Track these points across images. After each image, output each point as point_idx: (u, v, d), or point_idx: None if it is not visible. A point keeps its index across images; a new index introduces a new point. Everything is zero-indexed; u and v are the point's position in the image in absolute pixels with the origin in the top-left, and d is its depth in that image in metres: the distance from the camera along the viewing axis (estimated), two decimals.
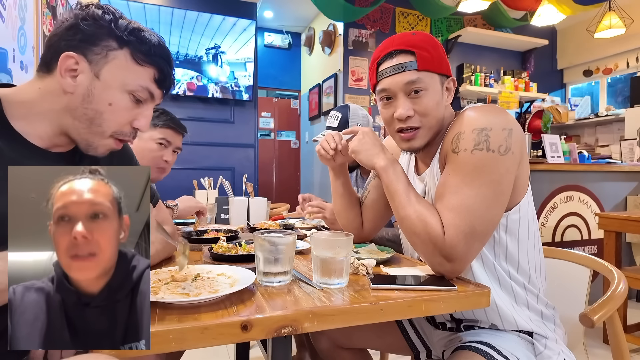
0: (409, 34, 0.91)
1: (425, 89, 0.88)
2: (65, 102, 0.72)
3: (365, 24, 4.16)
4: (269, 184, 5.59)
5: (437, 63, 0.88)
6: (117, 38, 0.72)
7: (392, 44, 0.90)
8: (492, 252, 0.89)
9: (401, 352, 1.13)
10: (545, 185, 2.56)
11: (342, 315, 0.65)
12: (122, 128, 0.76)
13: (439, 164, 0.91)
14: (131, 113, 0.76)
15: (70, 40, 0.70)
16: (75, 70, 0.71)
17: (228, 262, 0.91)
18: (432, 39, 0.91)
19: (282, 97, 5.99)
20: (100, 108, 0.73)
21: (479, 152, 0.80)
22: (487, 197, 0.79)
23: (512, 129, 0.81)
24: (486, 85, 4.46)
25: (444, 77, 0.91)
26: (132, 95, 0.75)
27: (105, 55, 0.72)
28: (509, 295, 0.90)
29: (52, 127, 0.73)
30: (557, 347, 0.89)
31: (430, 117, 0.89)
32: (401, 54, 0.88)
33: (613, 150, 4.17)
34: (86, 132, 0.74)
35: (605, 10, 3.78)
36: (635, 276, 1.99)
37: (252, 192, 1.73)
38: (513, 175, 0.82)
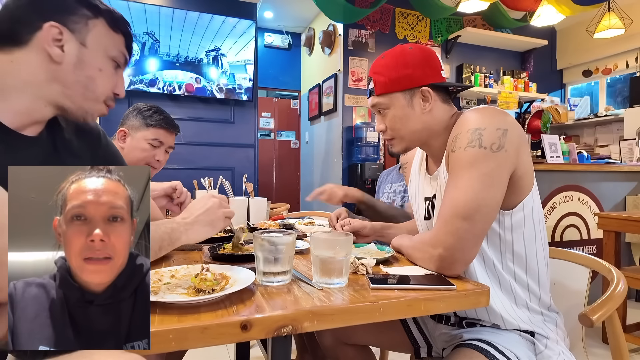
0: (379, 58, 1.02)
1: (387, 108, 0.99)
2: (50, 72, 0.71)
3: (365, 24, 4.16)
4: (269, 184, 5.59)
5: (395, 84, 0.97)
6: (93, 7, 0.75)
7: (370, 70, 1.05)
8: (497, 252, 0.89)
9: (402, 349, 1.14)
10: (545, 185, 2.56)
11: (341, 315, 0.65)
12: (109, 93, 0.80)
13: (445, 164, 0.94)
14: (114, 78, 0.80)
15: (42, 11, 0.70)
16: (60, 40, 0.71)
17: (228, 261, 0.91)
18: (395, 58, 0.98)
19: (282, 97, 5.99)
20: (92, 74, 0.75)
21: (471, 149, 0.84)
22: (474, 187, 0.82)
23: (507, 129, 0.83)
24: (486, 85, 4.47)
25: (410, 92, 0.97)
26: (114, 61, 0.79)
27: (85, 23, 0.74)
28: (508, 296, 0.90)
29: (34, 99, 0.72)
30: (558, 348, 0.89)
31: (398, 130, 1.00)
32: (371, 80, 1.03)
33: (612, 150, 4.18)
34: (81, 98, 0.75)
35: (604, 10, 3.79)
36: (635, 276, 1.99)
37: (252, 192, 1.73)
38: (506, 173, 0.84)
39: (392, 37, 4.30)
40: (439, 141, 0.98)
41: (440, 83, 0.97)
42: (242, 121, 3.96)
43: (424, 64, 0.96)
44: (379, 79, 0.99)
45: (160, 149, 1.49)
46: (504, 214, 0.87)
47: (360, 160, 4.02)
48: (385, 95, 0.99)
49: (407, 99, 0.97)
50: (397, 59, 0.98)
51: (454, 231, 0.81)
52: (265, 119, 5.65)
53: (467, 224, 0.81)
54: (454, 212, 0.82)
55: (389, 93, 0.98)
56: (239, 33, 3.76)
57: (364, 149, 4.03)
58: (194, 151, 3.77)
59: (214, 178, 2.09)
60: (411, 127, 0.98)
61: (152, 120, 1.44)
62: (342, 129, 4.13)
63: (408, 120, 0.98)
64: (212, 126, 3.86)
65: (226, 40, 3.73)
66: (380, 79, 0.99)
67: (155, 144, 1.46)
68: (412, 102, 0.97)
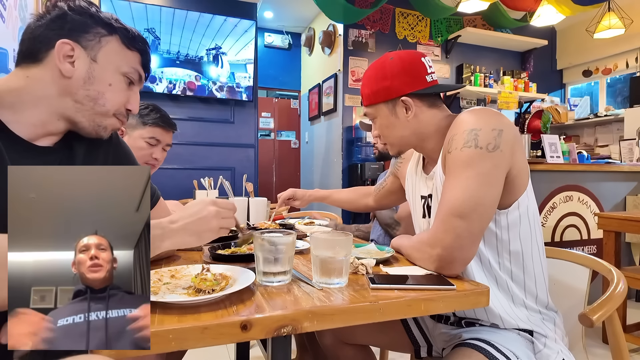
0: (367, 69, 1.05)
1: (375, 117, 1.05)
2: (61, 86, 0.75)
3: (365, 24, 4.16)
4: (269, 184, 5.59)
5: (376, 95, 1.01)
6: (107, 25, 0.78)
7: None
8: (494, 251, 0.90)
9: (402, 349, 1.14)
10: (545, 185, 2.56)
11: (341, 315, 0.65)
12: (120, 108, 0.81)
13: (441, 165, 0.95)
14: (126, 94, 0.82)
15: (59, 30, 0.74)
16: (71, 56, 0.74)
17: (228, 261, 0.91)
18: (376, 71, 1.01)
19: (282, 97, 5.99)
20: (102, 89, 0.78)
21: (467, 149, 0.84)
22: (471, 186, 0.83)
23: (502, 129, 0.85)
24: (485, 85, 4.47)
25: (392, 101, 1.00)
26: (126, 77, 0.81)
27: (98, 41, 0.77)
28: (506, 295, 0.91)
29: (47, 113, 0.75)
30: (557, 347, 0.90)
31: (387, 136, 1.05)
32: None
33: (612, 150, 4.18)
34: (91, 112, 0.78)
35: (604, 10, 3.79)
36: (635, 276, 1.99)
37: (252, 192, 1.73)
38: (502, 172, 0.84)
39: (392, 37, 4.30)
40: (431, 143, 1.00)
41: (421, 91, 0.97)
42: (242, 121, 3.96)
43: (402, 74, 0.97)
44: (364, 91, 1.04)
45: (158, 147, 1.49)
46: (500, 213, 0.88)
47: (360, 160, 4.02)
48: (371, 107, 1.04)
49: (390, 108, 1.01)
50: (377, 71, 1.01)
51: (452, 230, 0.82)
52: (265, 119, 5.65)
53: (464, 223, 0.81)
54: (451, 211, 0.83)
55: (374, 104, 1.03)
56: (239, 33, 3.76)
57: (364, 149, 4.03)
58: (194, 151, 3.77)
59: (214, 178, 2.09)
60: (398, 134, 1.02)
61: (149, 119, 1.45)
62: (342, 129, 4.13)
63: (394, 128, 1.02)
64: (212, 126, 3.86)
65: (226, 40, 3.73)
66: (365, 91, 1.04)
67: (153, 142, 1.46)
68: (395, 111, 1.00)
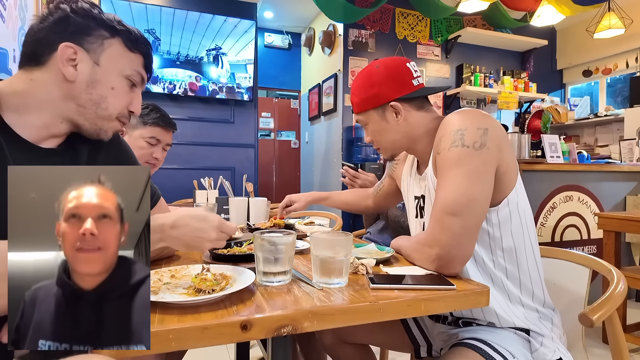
0: (355, 78, 1.08)
1: (366, 124, 1.07)
2: (64, 90, 0.75)
3: (365, 24, 4.16)
4: (269, 184, 5.59)
5: (366, 103, 1.04)
6: (109, 28, 0.78)
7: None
8: (487, 249, 0.91)
9: (402, 349, 1.15)
10: (545, 185, 2.56)
11: (341, 315, 0.65)
12: (123, 110, 0.81)
13: (432, 166, 0.97)
14: (128, 97, 0.82)
15: (62, 33, 0.74)
16: (74, 59, 0.74)
17: (228, 261, 0.91)
18: (363, 79, 1.04)
19: (282, 97, 5.99)
20: (105, 92, 0.78)
21: (454, 149, 0.87)
22: (462, 184, 0.84)
23: (487, 128, 0.87)
24: (485, 85, 4.47)
25: (381, 107, 1.02)
26: (129, 80, 0.81)
27: (101, 43, 0.77)
28: (502, 294, 0.91)
29: (51, 116, 0.75)
30: (553, 345, 0.90)
31: (378, 141, 1.07)
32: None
33: (612, 150, 4.18)
34: (94, 116, 0.78)
35: (604, 10, 3.79)
36: (635, 276, 1.99)
37: (252, 192, 1.73)
38: (491, 169, 0.86)
39: (392, 37, 4.30)
40: (422, 145, 1.03)
41: (408, 95, 1.00)
42: (242, 121, 3.96)
43: (389, 81, 1.00)
44: (354, 100, 1.08)
45: (158, 147, 1.49)
46: (490, 210, 0.89)
47: (360, 160, 4.01)
48: (362, 114, 1.07)
49: (380, 114, 1.03)
50: (364, 80, 1.04)
51: (447, 229, 0.83)
52: (265, 119, 5.65)
53: (458, 220, 0.83)
54: (445, 210, 0.84)
55: (364, 112, 1.06)
56: (239, 33, 3.76)
57: (364, 149, 4.03)
58: (194, 151, 3.77)
59: (214, 178, 2.10)
60: (390, 138, 1.05)
61: (149, 119, 1.45)
62: (342, 129, 4.13)
63: (386, 132, 1.04)
64: (212, 126, 3.86)
65: (227, 40, 3.73)
66: (355, 100, 1.07)
67: (153, 142, 1.47)
68: (385, 117, 1.03)
